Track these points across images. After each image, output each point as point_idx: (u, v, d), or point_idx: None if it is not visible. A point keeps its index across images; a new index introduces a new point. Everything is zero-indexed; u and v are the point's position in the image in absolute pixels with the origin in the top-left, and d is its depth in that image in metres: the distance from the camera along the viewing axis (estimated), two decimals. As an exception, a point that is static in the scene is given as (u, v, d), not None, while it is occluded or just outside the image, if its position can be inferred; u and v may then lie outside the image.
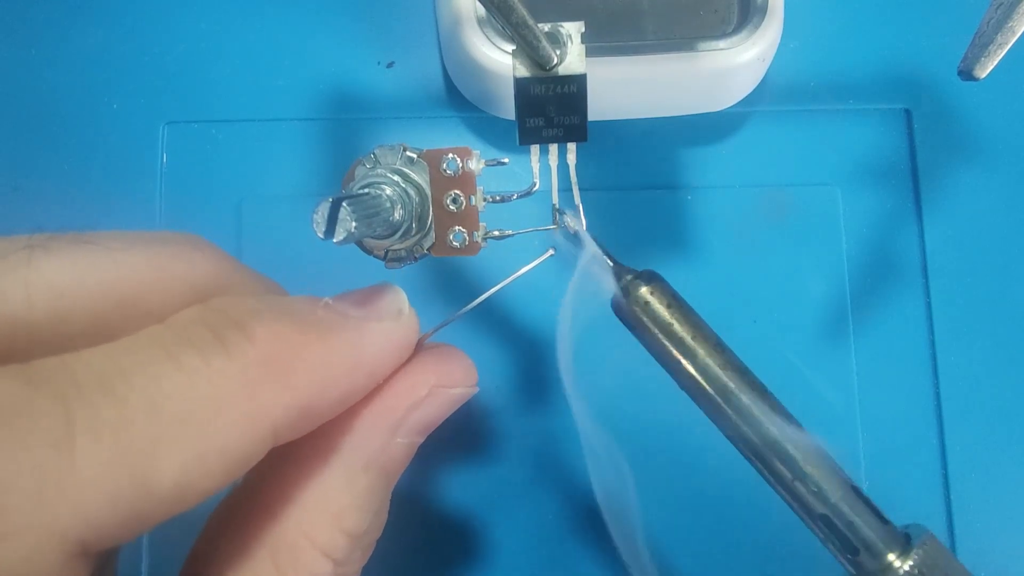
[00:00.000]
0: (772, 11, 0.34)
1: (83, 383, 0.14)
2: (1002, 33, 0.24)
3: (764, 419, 0.21)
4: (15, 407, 0.14)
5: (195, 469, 0.15)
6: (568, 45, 0.22)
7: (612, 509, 0.23)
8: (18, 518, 0.13)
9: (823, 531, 0.21)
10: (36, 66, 0.37)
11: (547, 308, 0.36)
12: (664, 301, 0.22)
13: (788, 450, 0.21)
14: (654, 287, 0.23)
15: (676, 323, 0.22)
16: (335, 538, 0.18)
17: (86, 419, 0.14)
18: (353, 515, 0.19)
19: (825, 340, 0.37)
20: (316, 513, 0.18)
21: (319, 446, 0.19)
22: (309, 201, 0.38)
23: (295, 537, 0.18)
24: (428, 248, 0.23)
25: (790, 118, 0.39)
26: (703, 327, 0.22)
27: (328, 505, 0.19)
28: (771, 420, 0.21)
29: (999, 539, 0.36)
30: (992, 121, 0.39)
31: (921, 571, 0.20)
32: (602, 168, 0.38)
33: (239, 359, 0.16)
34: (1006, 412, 0.37)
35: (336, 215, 0.18)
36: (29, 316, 0.17)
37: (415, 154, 0.22)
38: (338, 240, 0.19)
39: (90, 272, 0.17)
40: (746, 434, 0.22)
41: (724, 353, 0.22)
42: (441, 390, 0.20)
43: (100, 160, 0.37)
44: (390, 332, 0.19)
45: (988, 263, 0.38)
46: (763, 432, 0.21)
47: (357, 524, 0.19)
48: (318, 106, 0.38)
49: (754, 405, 0.22)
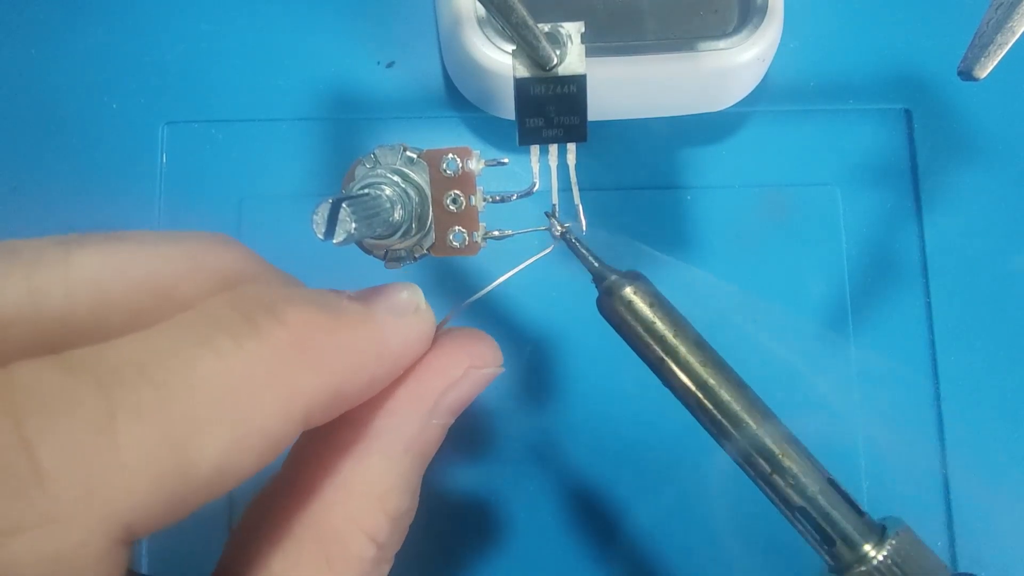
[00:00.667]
0: (772, 11, 0.34)
1: (121, 369, 0.14)
2: (1002, 33, 0.24)
3: (743, 414, 0.22)
4: (57, 396, 0.14)
5: (235, 450, 0.15)
6: (568, 45, 0.22)
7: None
8: (67, 504, 0.13)
9: (801, 523, 0.22)
10: (36, 66, 0.37)
11: (546, 308, 0.36)
12: (646, 300, 0.23)
13: (766, 444, 0.22)
14: (636, 287, 0.23)
15: (658, 321, 0.23)
16: (379, 521, 0.19)
17: (127, 404, 0.14)
18: (396, 497, 0.19)
19: (825, 340, 0.37)
20: (361, 497, 0.19)
21: (360, 432, 0.19)
22: (309, 201, 0.38)
23: (341, 522, 0.19)
24: (428, 248, 0.23)
25: (790, 118, 0.39)
26: (684, 325, 0.23)
27: (372, 488, 0.19)
28: (751, 415, 0.22)
29: (999, 539, 0.36)
30: (992, 121, 0.39)
31: (895, 560, 0.21)
32: (602, 168, 0.38)
33: (271, 342, 0.16)
34: (1006, 412, 0.37)
35: (336, 216, 0.18)
36: (70, 310, 0.17)
37: (415, 154, 0.22)
38: (338, 241, 0.19)
39: (127, 265, 0.18)
40: (726, 429, 0.22)
41: (705, 350, 0.23)
42: (473, 371, 0.21)
43: (100, 160, 0.37)
44: (409, 326, 0.20)
45: (988, 263, 0.38)
46: (742, 427, 0.22)
47: (399, 506, 0.19)
48: (318, 106, 0.38)
49: (733, 401, 0.22)
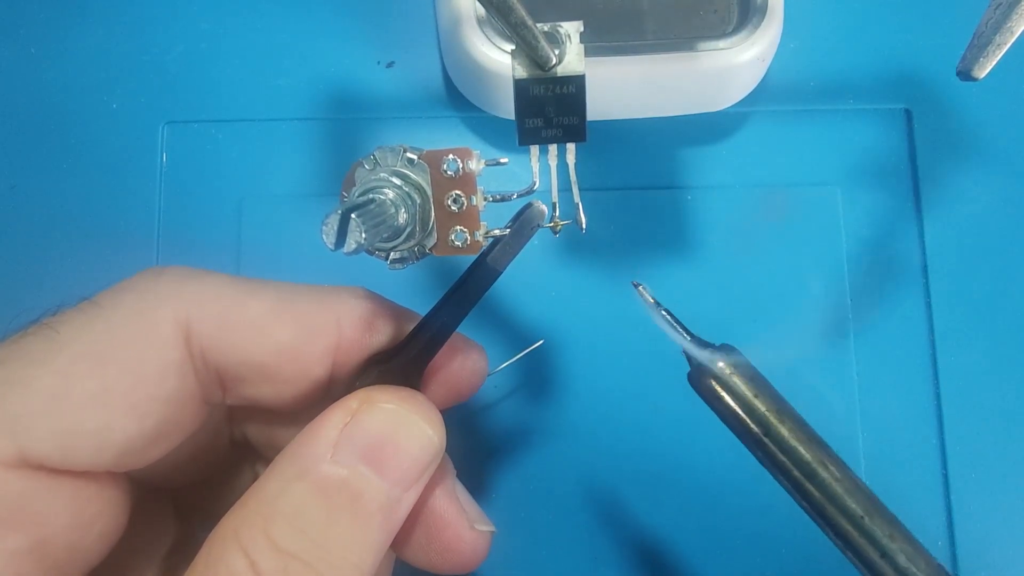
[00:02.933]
0: (772, 11, 0.34)
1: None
2: (1001, 33, 0.24)
3: (848, 499, 0.21)
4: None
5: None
6: (567, 45, 0.22)
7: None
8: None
9: None
10: (36, 66, 0.37)
11: (545, 307, 0.36)
12: (744, 377, 0.22)
13: (876, 536, 0.21)
14: (733, 363, 0.22)
15: (757, 400, 0.22)
16: (257, 540, 0.19)
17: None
18: (281, 524, 0.19)
19: (825, 340, 0.37)
20: (246, 513, 0.20)
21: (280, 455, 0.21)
22: (309, 201, 0.39)
23: (225, 532, 0.19)
24: (430, 248, 0.23)
25: (790, 118, 0.39)
26: (784, 403, 0.22)
27: (259, 507, 0.20)
28: (855, 500, 0.21)
29: (999, 539, 0.36)
30: (992, 121, 0.39)
31: None
32: (602, 168, 0.38)
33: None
34: (1006, 412, 0.37)
35: (346, 226, 0.18)
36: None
37: (415, 155, 0.22)
38: (348, 251, 0.19)
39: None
40: (830, 513, 0.21)
41: (805, 429, 0.22)
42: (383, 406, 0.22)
43: (100, 160, 0.37)
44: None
45: (988, 263, 0.38)
46: (849, 514, 0.21)
47: (283, 535, 0.20)
48: (318, 106, 0.38)
49: (836, 484, 0.21)
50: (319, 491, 0.20)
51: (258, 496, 0.20)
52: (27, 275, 0.36)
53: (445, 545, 0.24)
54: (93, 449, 0.20)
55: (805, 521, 0.22)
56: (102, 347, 0.20)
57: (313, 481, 0.20)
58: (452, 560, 0.25)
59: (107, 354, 0.20)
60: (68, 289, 0.35)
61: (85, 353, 0.20)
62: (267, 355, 0.22)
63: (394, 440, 0.21)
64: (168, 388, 0.21)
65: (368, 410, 0.21)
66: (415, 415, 0.21)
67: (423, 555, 0.24)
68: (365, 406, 0.21)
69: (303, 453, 0.20)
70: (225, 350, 0.22)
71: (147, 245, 0.36)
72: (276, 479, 0.20)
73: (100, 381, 0.20)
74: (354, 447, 0.20)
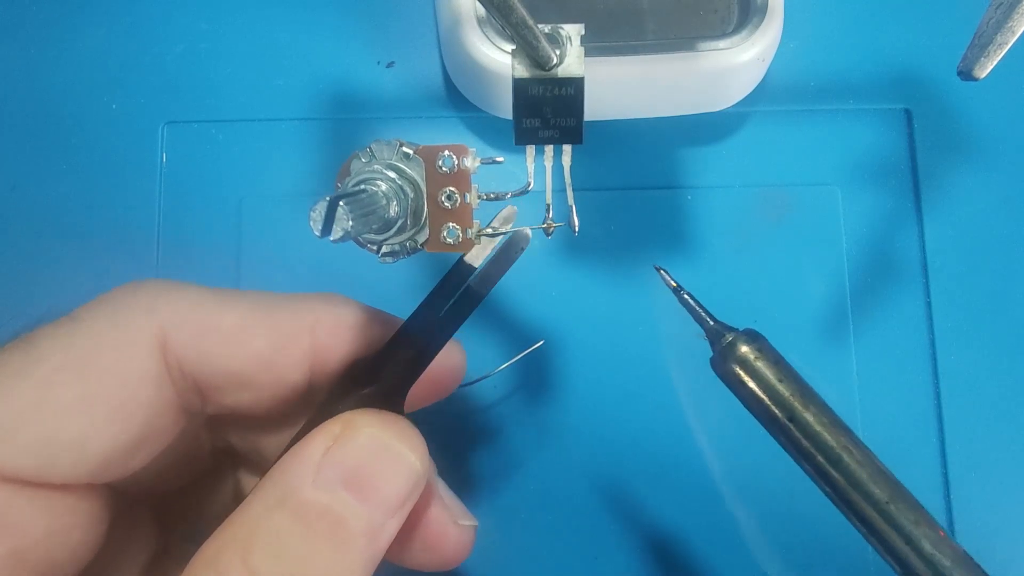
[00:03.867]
0: (772, 11, 0.34)
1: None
2: (1001, 33, 0.24)
3: (871, 485, 0.21)
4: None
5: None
6: (567, 47, 0.22)
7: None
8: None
9: None
10: (36, 66, 0.38)
11: (545, 307, 0.36)
12: (767, 361, 0.22)
13: (898, 520, 0.21)
14: (756, 346, 0.22)
15: (780, 383, 0.22)
16: (232, 564, 0.19)
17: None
18: (259, 551, 0.19)
19: (825, 340, 0.37)
20: (223, 538, 0.20)
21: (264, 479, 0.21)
22: (309, 200, 0.38)
23: (207, 553, 0.19)
24: (421, 243, 0.23)
25: (790, 118, 0.39)
26: (807, 387, 0.22)
27: (237, 531, 0.20)
28: (879, 485, 0.21)
29: (999, 539, 0.36)
30: (992, 121, 0.39)
31: None
32: (602, 168, 0.38)
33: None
34: (1006, 412, 0.37)
35: (333, 214, 0.18)
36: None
37: (411, 150, 0.22)
38: (335, 238, 0.19)
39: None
40: (854, 499, 0.21)
41: (829, 413, 0.22)
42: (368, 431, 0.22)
43: (100, 160, 0.37)
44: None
45: (988, 263, 0.38)
46: (873, 499, 0.21)
47: (261, 561, 0.19)
48: (318, 106, 0.38)
49: (861, 469, 0.21)
50: (299, 518, 0.19)
51: (239, 521, 0.20)
52: (27, 275, 0.36)
53: (430, 543, 0.24)
54: (71, 461, 0.20)
55: (805, 520, 0.22)
56: (80, 359, 0.20)
57: (293, 507, 0.20)
58: (437, 557, 0.25)
59: (85, 366, 0.20)
60: (68, 289, 0.36)
61: (63, 365, 0.20)
62: (243, 363, 0.22)
63: (376, 467, 0.21)
64: (146, 398, 0.21)
65: (351, 435, 0.21)
66: (398, 441, 0.21)
67: (408, 553, 0.25)
68: (348, 431, 0.21)
69: (285, 479, 0.20)
70: (202, 360, 0.22)
71: (147, 245, 0.36)
72: (258, 504, 0.20)
73: (78, 392, 0.20)
74: (336, 473, 0.20)
